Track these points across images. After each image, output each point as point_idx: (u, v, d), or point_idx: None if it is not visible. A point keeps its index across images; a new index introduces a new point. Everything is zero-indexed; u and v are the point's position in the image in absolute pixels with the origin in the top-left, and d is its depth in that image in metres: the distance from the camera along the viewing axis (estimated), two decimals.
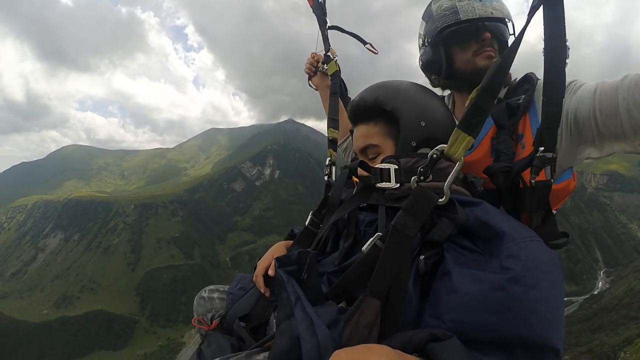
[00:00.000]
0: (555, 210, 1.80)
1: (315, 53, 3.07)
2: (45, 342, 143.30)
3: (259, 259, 1.88)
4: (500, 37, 1.98)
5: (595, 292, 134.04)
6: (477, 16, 1.92)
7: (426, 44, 2.13)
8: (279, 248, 1.96)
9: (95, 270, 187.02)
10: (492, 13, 1.92)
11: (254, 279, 1.83)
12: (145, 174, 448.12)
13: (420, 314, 1.22)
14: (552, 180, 1.47)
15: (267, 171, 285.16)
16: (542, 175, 1.45)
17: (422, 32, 2.16)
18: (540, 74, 1.67)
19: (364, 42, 2.91)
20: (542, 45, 1.37)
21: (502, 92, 1.94)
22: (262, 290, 1.75)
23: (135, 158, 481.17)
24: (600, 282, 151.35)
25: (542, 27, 1.35)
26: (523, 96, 1.81)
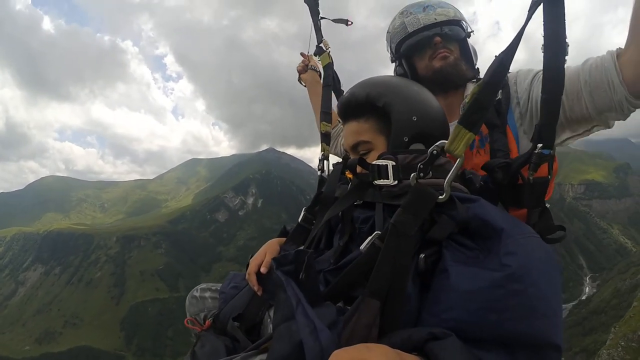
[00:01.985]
0: (547, 203, 1.77)
1: (304, 53, 3.25)
2: None
3: (251, 257, 1.87)
4: (454, 37, 2.17)
5: (583, 298, 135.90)
6: (422, 25, 2.14)
7: (393, 60, 2.42)
8: (272, 245, 1.92)
9: (77, 304, 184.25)
10: (435, 19, 2.13)
11: (246, 277, 1.81)
12: (125, 206, 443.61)
13: (419, 312, 1.21)
14: (549, 177, 1.48)
15: (250, 200, 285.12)
16: (540, 172, 1.46)
17: (388, 51, 2.46)
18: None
19: (345, 22, 3.05)
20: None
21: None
22: (255, 289, 1.73)
23: (115, 190, 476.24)
24: (587, 288, 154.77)
25: (542, 24, 1.35)
26: (500, 91, 1.91)
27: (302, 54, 3.27)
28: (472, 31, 2.23)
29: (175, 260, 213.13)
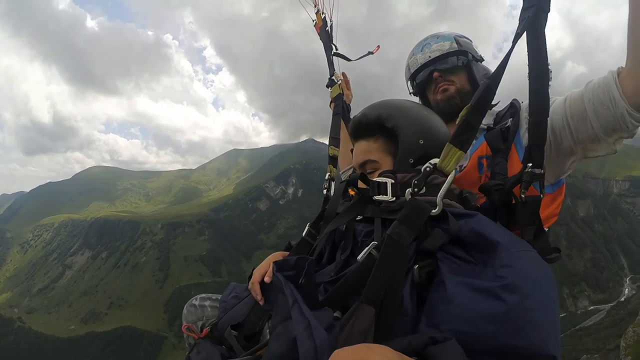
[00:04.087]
0: (547, 227, 1.90)
1: (345, 74, 3.24)
2: (74, 357, 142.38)
3: (254, 268, 1.91)
4: (452, 69, 2.31)
5: (622, 299, 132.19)
6: (419, 65, 2.37)
7: (414, 95, 2.61)
8: (275, 257, 1.95)
9: (123, 287, 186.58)
10: (430, 57, 2.32)
11: (249, 287, 1.84)
12: (169, 195, 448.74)
13: (416, 324, 1.22)
14: (541, 196, 1.52)
15: (290, 190, 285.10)
16: (532, 191, 1.51)
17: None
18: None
19: (371, 52, 3.16)
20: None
21: (492, 119, 2.14)
22: (258, 298, 1.76)
23: (159, 179, 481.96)
24: (627, 289, 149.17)
25: (527, 53, 1.44)
26: (510, 119, 1.97)
27: (343, 74, 3.23)
28: (479, 56, 2.38)
29: (218, 246, 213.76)
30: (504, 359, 1.07)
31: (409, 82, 2.56)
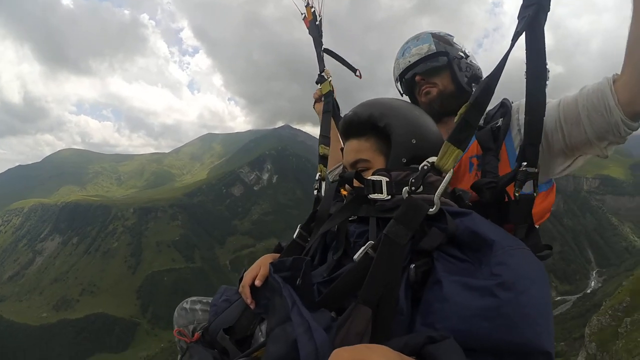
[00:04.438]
0: (538, 225, 1.90)
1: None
2: (46, 345, 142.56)
3: (245, 270, 1.89)
4: (433, 71, 2.33)
5: (588, 291, 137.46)
6: (402, 70, 2.42)
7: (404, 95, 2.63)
8: (266, 260, 1.91)
9: (95, 273, 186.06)
10: (409, 61, 2.36)
11: (240, 290, 1.82)
12: (141, 179, 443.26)
13: (412, 324, 1.22)
14: (534, 194, 1.52)
15: (265, 176, 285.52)
16: (525, 189, 1.51)
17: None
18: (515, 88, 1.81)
19: (354, 70, 3.08)
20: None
21: (482, 118, 2.09)
22: (249, 302, 1.74)
23: (131, 163, 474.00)
24: (593, 282, 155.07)
25: (525, 52, 1.46)
26: (501, 119, 1.96)
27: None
28: (451, 59, 2.31)
29: (191, 232, 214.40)
30: (499, 356, 1.07)
31: (397, 84, 2.59)
